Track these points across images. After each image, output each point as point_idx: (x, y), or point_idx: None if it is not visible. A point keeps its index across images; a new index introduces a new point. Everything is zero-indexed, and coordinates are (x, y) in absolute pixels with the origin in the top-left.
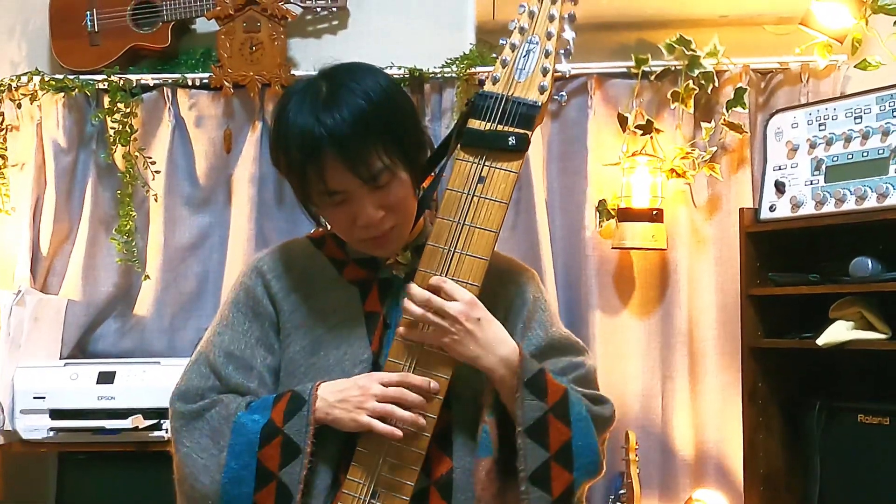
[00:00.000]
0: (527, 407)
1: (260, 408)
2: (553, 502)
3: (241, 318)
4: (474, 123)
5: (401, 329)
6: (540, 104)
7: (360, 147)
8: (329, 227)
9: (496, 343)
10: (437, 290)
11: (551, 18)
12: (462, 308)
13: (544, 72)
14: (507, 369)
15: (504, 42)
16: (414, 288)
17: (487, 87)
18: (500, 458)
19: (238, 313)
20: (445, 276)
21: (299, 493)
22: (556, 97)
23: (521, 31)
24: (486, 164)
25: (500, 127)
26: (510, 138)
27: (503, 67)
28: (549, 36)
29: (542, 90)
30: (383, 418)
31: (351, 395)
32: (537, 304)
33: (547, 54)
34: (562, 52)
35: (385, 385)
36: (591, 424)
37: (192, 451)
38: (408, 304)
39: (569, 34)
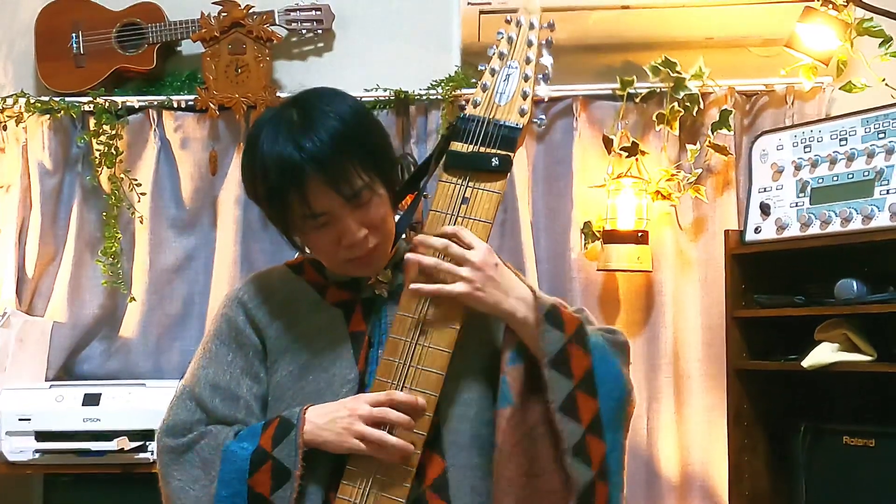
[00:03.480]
0: (548, 339)
1: (248, 435)
2: (584, 432)
3: (225, 349)
4: (457, 146)
5: (413, 286)
6: (521, 126)
7: (340, 166)
8: (310, 252)
9: (514, 286)
10: (451, 238)
11: (529, 44)
12: (482, 255)
13: (524, 95)
14: (526, 308)
15: (484, 67)
16: (431, 238)
17: (468, 110)
18: (521, 407)
19: (221, 345)
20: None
21: None
22: (535, 120)
23: (501, 56)
24: (470, 185)
25: (482, 149)
26: (493, 159)
27: (483, 92)
28: (527, 61)
29: (522, 113)
30: (375, 444)
31: (339, 417)
32: None
33: (526, 78)
34: (541, 76)
35: (372, 405)
36: (608, 351)
37: (184, 484)
38: (418, 257)
39: (547, 59)
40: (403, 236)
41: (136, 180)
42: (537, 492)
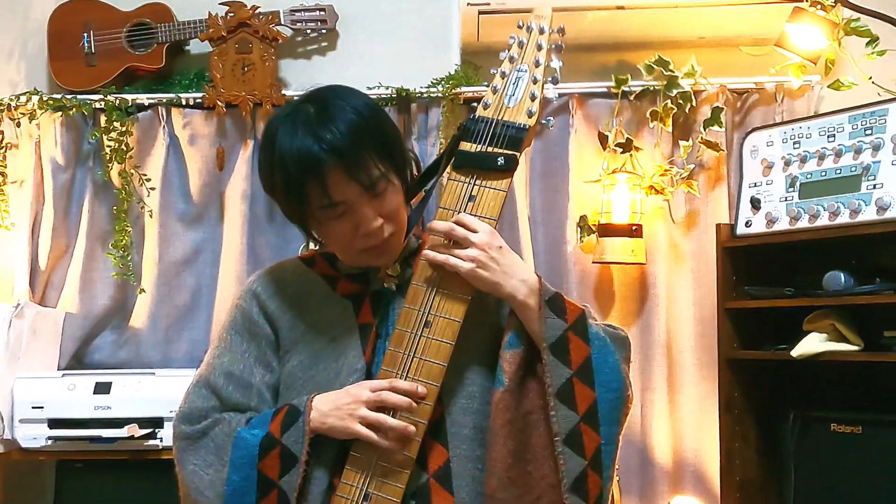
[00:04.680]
0: (549, 325)
1: (259, 423)
2: (580, 420)
3: (239, 339)
4: (465, 146)
5: (426, 251)
6: (528, 127)
7: (358, 156)
8: (326, 242)
9: (517, 269)
10: (455, 223)
11: (539, 48)
12: (485, 238)
13: (532, 98)
14: (529, 291)
15: (495, 71)
16: (436, 222)
17: (479, 112)
18: (513, 390)
19: (236, 335)
20: (437, 287)
21: (294, 500)
22: (543, 122)
23: (511, 60)
24: (477, 183)
25: (489, 149)
26: (499, 158)
27: (493, 94)
28: (537, 64)
29: (530, 114)
30: (375, 427)
31: (343, 403)
32: None
33: (535, 81)
34: (549, 79)
35: (374, 391)
36: (609, 344)
37: (199, 469)
38: (433, 227)
39: (556, 63)
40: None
41: (145, 175)
42: (529, 476)
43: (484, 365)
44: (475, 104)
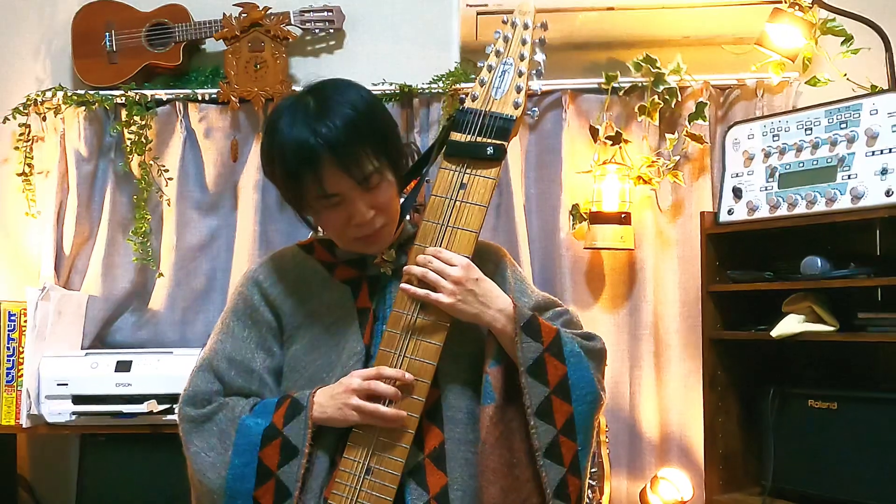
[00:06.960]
0: (525, 349)
1: (262, 412)
2: (559, 433)
3: (241, 325)
4: (456, 136)
5: (403, 286)
6: (514, 118)
7: (353, 151)
8: (322, 230)
9: (494, 298)
10: (434, 256)
11: (524, 42)
12: (461, 272)
13: (518, 90)
14: (505, 319)
15: (482, 64)
16: (415, 257)
17: (467, 103)
18: (502, 404)
19: (238, 321)
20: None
21: (297, 490)
22: (527, 113)
23: (497, 54)
24: (467, 171)
25: (479, 138)
26: (488, 148)
27: (481, 86)
28: (521, 58)
29: (516, 106)
30: (370, 416)
31: (336, 393)
32: (515, 277)
33: (520, 74)
34: (534, 72)
35: (363, 380)
36: (584, 359)
37: (202, 451)
38: (410, 267)
39: (539, 56)
40: (408, 218)
41: (163, 166)
42: (517, 480)
43: (478, 353)
44: None
